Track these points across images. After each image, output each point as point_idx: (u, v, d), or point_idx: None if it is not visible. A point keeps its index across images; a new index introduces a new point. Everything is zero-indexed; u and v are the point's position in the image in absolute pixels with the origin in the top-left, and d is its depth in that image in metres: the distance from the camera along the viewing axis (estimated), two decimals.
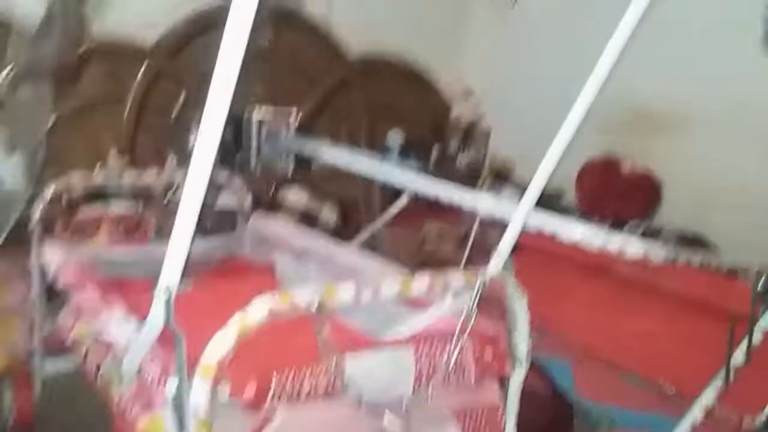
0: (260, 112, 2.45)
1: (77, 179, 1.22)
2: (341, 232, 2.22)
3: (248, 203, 1.42)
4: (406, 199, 1.42)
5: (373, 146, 2.76)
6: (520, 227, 0.79)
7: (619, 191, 2.22)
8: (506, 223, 0.95)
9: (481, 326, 0.72)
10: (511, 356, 0.73)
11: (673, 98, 2.12)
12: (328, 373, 0.60)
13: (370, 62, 2.91)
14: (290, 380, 0.58)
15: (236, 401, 0.57)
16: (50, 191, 1.16)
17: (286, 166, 2.54)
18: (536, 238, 0.99)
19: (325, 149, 1.48)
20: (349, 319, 0.95)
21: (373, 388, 0.62)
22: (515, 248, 0.82)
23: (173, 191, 1.31)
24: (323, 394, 0.60)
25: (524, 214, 0.78)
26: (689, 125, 2.12)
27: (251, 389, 0.56)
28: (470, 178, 2.65)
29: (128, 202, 1.40)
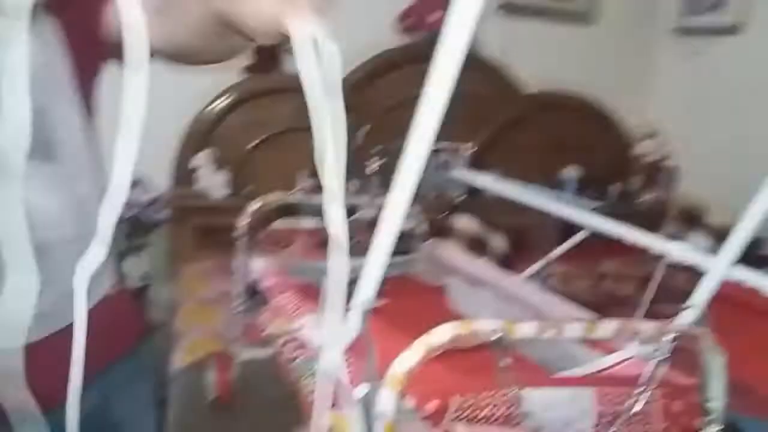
0: (437, 144, 2.54)
1: (276, 197, 1.37)
2: (510, 261, 2.20)
3: (424, 228, 1.48)
4: (582, 235, 1.37)
5: (547, 182, 2.73)
6: (717, 280, 0.74)
7: None
8: (697, 269, 0.89)
9: (670, 377, 0.69)
10: (703, 412, 0.68)
11: None
12: (506, 402, 0.61)
13: (546, 98, 2.88)
14: (470, 403, 0.60)
15: (418, 414, 0.60)
16: (254, 206, 1.31)
17: (459, 194, 2.59)
18: (732, 287, 0.91)
19: (496, 182, 1.50)
20: (523, 350, 0.95)
21: (550, 423, 0.62)
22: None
23: (357, 215, 1.41)
24: (500, 422, 0.61)
25: (725, 266, 0.73)
26: None
27: (433, 405, 0.59)
28: (653, 218, 2.48)
29: (315, 219, 1.53)
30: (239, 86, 2.41)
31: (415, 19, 2.54)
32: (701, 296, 0.75)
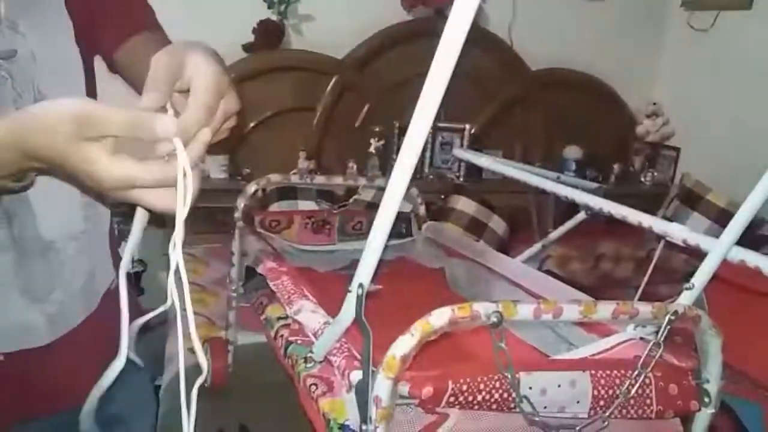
0: (436, 121, 2.52)
1: (275, 179, 1.36)
2: (509, 242, 2.20)
3: (422, 210, 1.48)
4: (581, 216, 1.37)
5: (548, 161, 2.70)
6: (719, 261, 0.74)
7: None
8: (698, 251, 0.88)
9: (667, 360, 0.68)
10: (699, 395, 0.68)
11: None
12: (502, 386, 0.61)
13: (551, 76, 2.85)
14: (465, 388, 0.60)
15: (414, 400, 0.60)
16: (252, 188, 1.30)
17: (457, 175, 2.58)
18: (729, 269, 0.90)
19: (497, 162, 1.48)
20: (519, 333, 0.95)
21: (547, 406, 0.62)
22: None
23: (357, 195, 1.40)
24: (496, 406, 0.61)
25: (726, 247, 0.73)
26: None
27: (428, 391, 0.59)
28: (654, 198, 2.47)
29: (313, 201, 1.53)
30: (238, 65, 2.38)
31: None
32: (701, 277, 0.75)
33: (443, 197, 2.38)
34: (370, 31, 2.49)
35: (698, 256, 0.84)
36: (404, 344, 0.57)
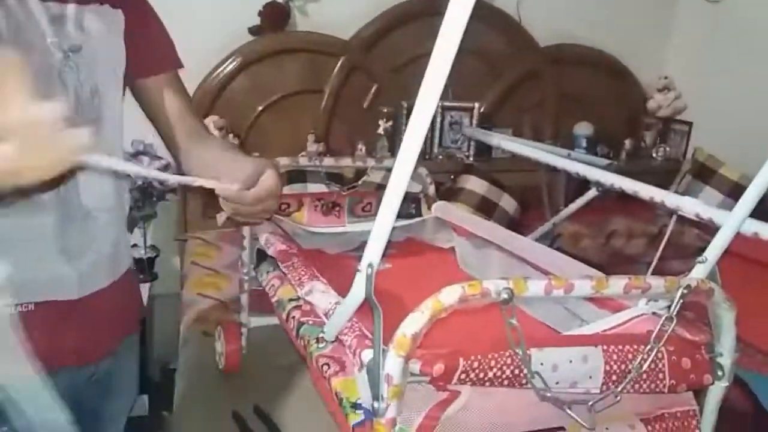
0: (444, 100, 2.50)
1: (284, 162, 1.36)
2: (520, 222, 2.19)
3: (432, 190, 1.47)
4: (593, 193, 1.36)
5: (559, 139, 2.68)
6: (732, 234, 0.73)
7: None
8: (711, 224, 0.87)
9: (679, 334, 0.68)
10: (712, 368, 0.68)
11: None
12: (513, 362, 0.61)
13: (561, 52, 2.81)
14: (476, 365, 0.60)
15: (425, 377, 0.60)
16: None
17: (466, 155, 2.56)
18: (741, 243, 0.90)
19: (507, 140, 1.47)
20: (530, 310, 0.95)
21: (559, 382, 0.62)
22: None
23: (366, 176, 1.40)
24: (508, 382, 0.61)
25: (740, 219, 0.72)
26: None
27: (439, 369, 0.59)
28: (666, 174, 2.45)
29: (323, 184, 1.52)
30: (245, 48, 2.37)
31: None
32: (714, 250, 0.74)
33: (453, 177, 2.37)
34: (376, 10, 2.46)
35: (710, 230, 0.83)
36: (415, 322, 0.57)
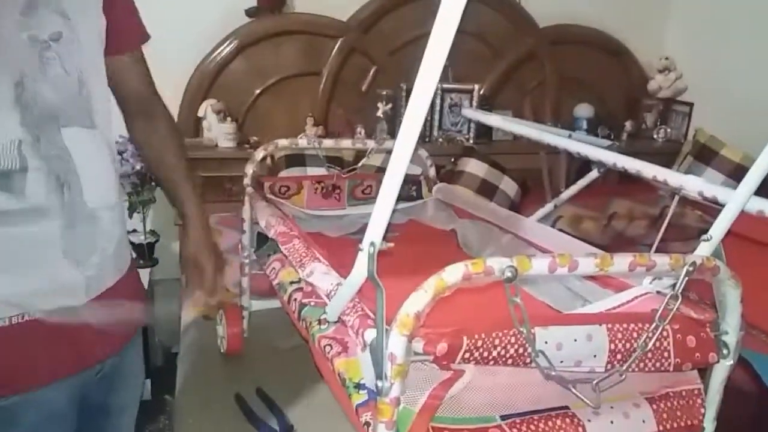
0: (444, 83, 2.47)
1: (283, 143, 1.35)
2: (520, 204, 2.18)
3: (432, 172, 1.46)
4: (595, 173, 1.34)
5: (559, 120, 2.66)
6: (737, 211, 0.72)
7: None
8: (713, 205, 0.86)
9: (684, 312, 0.68)
10: (717, 347, 0.67)
11: None
12: (518, 341, 0.60)
13: (561, 32, 2.78)
14: (480, 344, 0.60)
15: (428, 356, 0.60)
16: (260, 154, 1.30)
17: (467, 138, 2.55)
18: (744, 223, 0.89)
19: (507, 121, 1.46)
20: (532, 291, 0.94)
21: (563, 361, 0.62)
22: None
23: (365, 158, 1.38)
24: (512, 361, 0.61)
25: (745, 196, 0.71)
26: None
27: (443, 348, 0.58)
28: (667, 156, 2.44)
29: (323, 168, 1.51)
30: (242, 30, 2.34)
31: None
32: (719, 228, 0.73)
33: (453, 160, 2.35)
34: None
35: (712, 212, 0.82)
36: (418, 301, 0.56)
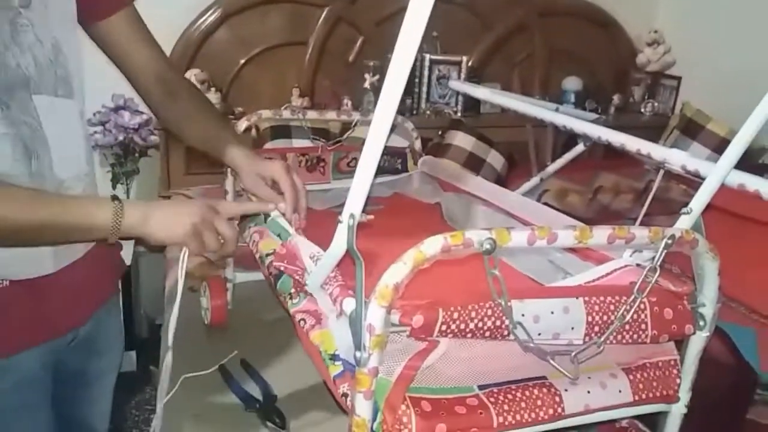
0: (432, 54, 2.44)
1: (266, 114, 1.33)
2: (507, 178, 2.18)
3: (418, 145, 1.45)
4: (581, 147, 1.34)
5: (548, 93, 2.64)
6: (717, 185, 0.72)
7: None
8: (696, 179, 0.86)
9: (663, 285, 0.68)
10: (694, 319, 0.68)
11: None
12: (494, 313, 0.60)
13: (549, 4, 2.75)
14: (456, 316, 0.60)
15: (406, 328, 0.60)
16: (243, 124, 1.28)
17: (454, 110, 2.53)
18: (725, 197, 0.89)
19: (494, 94, 1.44)
20: (513, 263, 0.94)
21: (541, 333, 0.62)
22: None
23: (351, 131, 1.37)
24: (489, 334, 0.61)
25: (725, 170, 0.71)
26: None
27: (419, 320, 0.58)
28: (655, 129, 2.44)
29: (308, 140, 1.49)
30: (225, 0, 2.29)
31: None
32: (699, 201, 0.73)
33: (440, 133, 2.34)
34: None
35: (697, 186, 0.82)
36: (397, 272, 0.56)
